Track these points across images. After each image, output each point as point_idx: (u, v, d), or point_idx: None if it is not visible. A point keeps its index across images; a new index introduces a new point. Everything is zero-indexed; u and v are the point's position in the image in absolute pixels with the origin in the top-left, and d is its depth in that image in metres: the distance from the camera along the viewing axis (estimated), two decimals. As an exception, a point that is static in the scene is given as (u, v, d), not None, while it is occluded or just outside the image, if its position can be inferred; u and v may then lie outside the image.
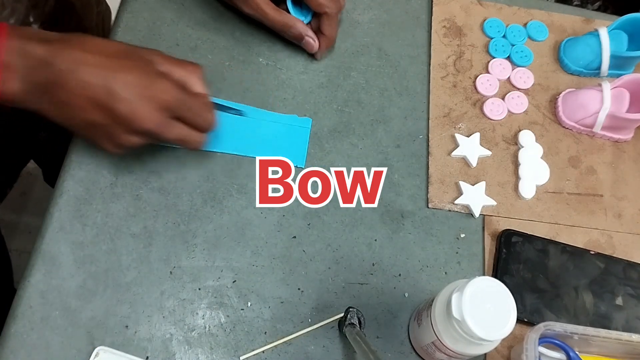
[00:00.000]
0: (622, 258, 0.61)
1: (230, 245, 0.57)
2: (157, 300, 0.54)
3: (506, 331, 0.43)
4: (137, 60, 0.50)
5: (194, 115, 0.51)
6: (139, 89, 0.48)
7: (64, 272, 0.54)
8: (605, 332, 0.52)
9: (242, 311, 0.54)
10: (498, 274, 0.58)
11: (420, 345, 0.53)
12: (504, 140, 0.66)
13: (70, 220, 0.56)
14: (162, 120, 0.49)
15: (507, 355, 0.56)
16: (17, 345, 0.51)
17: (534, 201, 0.63)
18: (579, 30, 0.72)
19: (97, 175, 0.58)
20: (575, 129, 0.67)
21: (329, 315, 0.55)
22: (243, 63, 0.65)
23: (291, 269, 0.57)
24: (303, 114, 0.64)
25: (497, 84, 0.68)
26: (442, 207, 0.61)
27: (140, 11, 0.66)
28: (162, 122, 0.49)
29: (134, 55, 0.50)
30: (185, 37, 0.66)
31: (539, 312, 0.57)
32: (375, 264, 0.58)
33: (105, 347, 0.51)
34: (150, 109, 0.48)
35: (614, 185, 0.65)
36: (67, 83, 0.47)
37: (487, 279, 0.45)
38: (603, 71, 0.69)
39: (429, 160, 0.63)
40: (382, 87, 0.67)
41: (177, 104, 0.50)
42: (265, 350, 0.53)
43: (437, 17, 0.71)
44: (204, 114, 0.52)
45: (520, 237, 0.60)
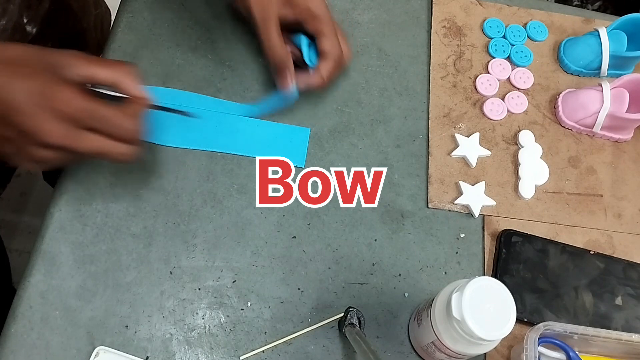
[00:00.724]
0: (622, 258, 0.61)
1: (230, 245, 0.57)
2: (157, 300, 0.54)
3: (506, 331, 0.43)
4: (41, 66, 0.45)
5: (107, 125, 0.46)
6: (39, 99, 0.43)
7: (64, 272, 0.54)
8: (605, 332, 0.52)
9: (242, 311, 0.54)
10: (498, 274, 0.58)
11: (420, 345, 0.53)
12: (504, 140, 0.66)
13: (70, 220, 0.56)
14: (68, 132, 0.44)
15: (507, 355, 0.56)
16: (17, 345, 0.51)
17: (534, 201, 0.63)
18: (579, 30, 0.72)
19: (97, 175, 0.58)
20: (575, 129, 0.67)
21: (329, 315, 0.55)
22: (243, 63, 0.65)
23: (291, 269, 0.57)
24: (303, 114, 0.64)
25: (497, 84, 0.68)
26: (442, 207, 0.61)
27: (140, 11, 0.66)
28: (67, 134, 0.44)
29: (39, 59, 0.45)
30: (185, 37, 0.66)
31: (538, 312, 0.57)
32: (375, 264, 0.58)
33: (105, 347, 0.51)
34: (51, 120, 0.44)
35: (614, 185, 0.65)
36: None
37: (487, 279, 0.45)
38: (603, 71, 0.69)
39: (429, 160, 0.63)
40: (382, 87, 0.67)
41: (80, 114, 0.45)
42: (265, 350, 0.53)
43: (437, 17, 0.71)
44: (121, 123, 0.46)
45: (520, 237, 0.60)
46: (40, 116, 0.44)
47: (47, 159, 0.46)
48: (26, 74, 0.44)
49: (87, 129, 0.46)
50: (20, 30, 0.59)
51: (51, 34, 0.65)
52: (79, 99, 0.45)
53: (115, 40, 0.64)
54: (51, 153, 0.46)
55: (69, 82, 0.45)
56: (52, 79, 0.45)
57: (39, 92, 0.44)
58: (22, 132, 0.44)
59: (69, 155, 0.47)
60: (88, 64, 0.47)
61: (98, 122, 0.46)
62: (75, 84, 0.46)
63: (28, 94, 0.43)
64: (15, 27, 0.58)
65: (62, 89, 0.44)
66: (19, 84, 0.43)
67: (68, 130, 0.45)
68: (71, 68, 0.46)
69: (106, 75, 0.47)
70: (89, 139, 0.46)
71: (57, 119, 0.44)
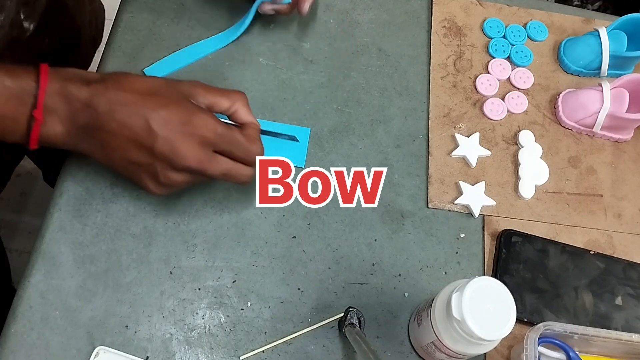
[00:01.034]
0: (622, 258, 0.61)
1: (230, 245, 0.57)
2: (157, 300, 0.54)
3: (506, 331, 0.43)
4: (175, 96, 0.48)
5: (237, 149, 0.49)
6: (177, 126, 0.47)
7: (64, 272, 0.54)
8: (605, 332, 0.52)
9: (242, 311, 0.54)
10: (498, 274, 0.58)
11: (420, 345, 0.53)
12: (504, 140, 0.66)
13: (70, 220, 0.56)
14: (204, 156, 0.48)
15: (507, 355, 0.56)
16: (17, 345, 0.51)
17: (534, 201, 0.63)
18: (579, 30, 0.72)
19: (97, 175, 0.58)
20: (575, 129, 0.67)
21: (329, 315, 0.55)
22: (243, 63, 0.65)
23: (291, 269, 0.57)
24: (303, 114, 0.64)
25: (497, 84, 0.68)
26: (442, 207, 0.61)
27: (140, 11, 0.66)
28: (204, 158, 0.48)
29: (171, 90, 0.49)
30: (185, 37, 0.66)
31: (538, 312, 0.57)
32: (375, 264, 0.58)
33: (105, 347, 0.51)
34: (190, 145, 0.47)
35: (614, 185, 0.65)
36: (107, 124, 0.46)
37: (487, 279, 0.45)
38: (603, 71, 0.69)
39: (429, 160, 0.63)
40: (382, 87, 0.67)
41: (218, 139, 0.48)
42: (265, 350, 0.53)
43: (437, 17, 0.71)
44: (248, 147, 0.50)
45: (520, 237, 0.60)
46: (179, 141, 0.47)
47: (177, 182, 0.49)
48: (163, 103, 0.47)
49: (219, 152, 0.49)
50: (18, 27, 0.59)
51: (48, 30, 0.65)
52: (217, 125, 0.48)
53: (115, 40, 0.64)
54: (182, 176, 0.49)
55: (201, 108, 0.49)
56: (188, 106, 0.48)
57: (178, 118, 0.47)
58: (159, 156, 0.47)
59: (198, 178, 0.50)
60: (209, 93, 0.51)
61: (231, 146, 0.49)
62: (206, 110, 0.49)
63: (168, 120, 0.47)
64: (13, 23, 0.58)
65: (201, 116, 0.48)
66: (160, 112, 0.47)
67: (204, 153, 0.48)
68: (198, 97, 0.50)
69: (226, 103, 0.51)
70: (220, 162, 0.49)
71: (195, 144, 0.47)
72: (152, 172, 0.48)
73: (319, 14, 0.69)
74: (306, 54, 0.67)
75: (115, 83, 0.47)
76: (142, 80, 0.49)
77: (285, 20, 0.68)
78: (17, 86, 0.45)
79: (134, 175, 0.50)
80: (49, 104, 0.46)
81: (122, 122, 0.46)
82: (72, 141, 0.48)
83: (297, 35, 0.68)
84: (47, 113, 0.46)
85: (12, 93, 0.45)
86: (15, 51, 0.61)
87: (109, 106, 0.46)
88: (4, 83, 0.45)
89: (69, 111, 0.46)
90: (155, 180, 0.49)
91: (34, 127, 0.46)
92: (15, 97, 0.45)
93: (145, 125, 0.46)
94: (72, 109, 0.46)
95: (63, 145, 0.48)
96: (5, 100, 0.45)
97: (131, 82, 0.48)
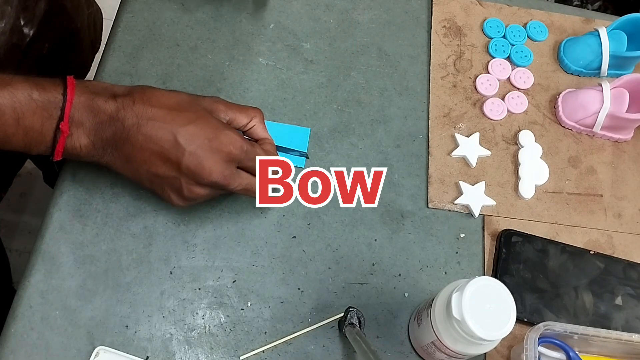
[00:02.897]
0: (622, 258, 0.61)
1: (230, 245, 0.57)
2: (157, 300, 0.54)
3: (506, 331, 0.43)
4: (201, 112, 0.49)
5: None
6: (204, 141, 0.48)
7: (64, 272, 0.54)
8: (605, 332, 0.52)
9: (242, 311, 0.54)
10: (498, 274, 0.58)
11: (420, 345, 0.53)
12: (504, 140, 0.66)
13: (70, 220, 0.56)
14: (228, 171, 0.49)
15: (507, 355, 0.56)
16: (17, 345, 0.51)
17: (534, 201, 0.63)
18: (579, 30, 0.72)
19: (97, 175, 0.58)
20: (575, 129, 0.67)
21: (329, 315, 0.55)
22: (243, 63, 0.65)
23: (291, 269, 0.57)
24: (303, 114, 0.64)
25: (497, 84, 0.68)
26: (442, 207, 0.61)
27: (140, 11, 0.66)
28: (228, 173, 0.49)
29: (196, 106, 0.50)
30: (185, 37, 0.66)
31: (538, 312, 0.57)
32: (375, 264, 0.58)
33: (105, 347, 0.51)
34: (216, 160, 0.48)
35: (614, 185, 0.65)
36: (133, 138, 0.47)
37: (487, 279, 0.45)
38: (603, 71, 0.69)
39: (429, 160, 0.63)
40: (382, 87, 0.67)
41: (243, 155, 0.49)
42: (265, 350, 0.53)
43: (437, 17, 0.71)
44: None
45: (520, 237, 0.60)
46: (204, 156, 0.48)
47: (200, 196, 0.50)
48: (190, 118, 0.48)
49: (241, 168, 0.51)
50: (18, 32, 0.59)
51: (47, 34, 0.65)
52: (242, 141, 0.49)
53: (115, 40, 0.64)
54: (206, 191, 0.50)
55: (226, 125, 0.50)
56: (214, 123, 0.49)
57: (205, 135, 0.48)
58: (184, 170, 0.48)
59: (218, 192, 0.51)
60: (230, 109, 0.52)
61: (253, 162, 0.51)
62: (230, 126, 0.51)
63: (195, 136, 0.47)
64: (13, 29, 0.58)
65: (227, 132, 0.49)
66: (187, 128, 0.47)
67: (228, 169, 0.49)
68: (219, 113, 0.51)
69: (244, 119, 0.53)
70: (242, 178, 0.51)
71: (220, 159, 0.48)
72: (176, 186, 0.49)
73: (319, 14, 0.69)
74: (306, 54, 0.67)
75: (142, 97, 0.48)
76: (169, 95, 0.50)
77: (286, 20, 0.68)
78: (45, 99, 0.46)
79: (158, 189, 0.51)
80: (75, 117, 0.46)
81: (149, 136, 0.47)
82: (97, 153, 0.48)
83: (297, 35, 0.68)
84: (73, 125, 0.46)
85: (39, 106, 0.45)
86: (15, 56, 0.61)
87: (136, 120, 0.47)
88: (32, 96, 0.45)
89: (95, 124, 0.47)
90: (179, 194, 0.50)
91: (60, 140, 0.46)
92: (42, 110, 0.46)
93: (173, 139, 0.47)
94: (98, 122, 0.47)
95: (87, 157, 0.49)
96: (33, 113, 0.45)
97: (158, 96, 0.49)
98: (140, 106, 0.47)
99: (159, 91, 0.50)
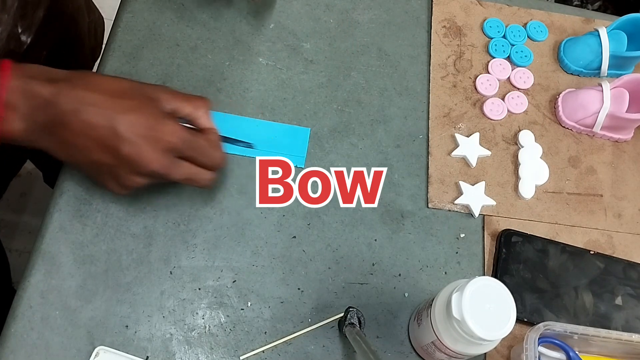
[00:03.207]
0: (622, 258, 0.61)
1: (230, 245, 0.57)
2: (157, 300, 0.54)
3: (506, 331, 0.43)
4: (142, 100, 0.49)
5: (200, 154, 0.50)
6: (144, 130, 0.47)
7: (64, 272, 0.54)
8: (605, 332, 0.52)
9: (242, 311, 0.54)
10: (498, 274, 0.58)
11: (420, 345, 0.53)
12: (504, 140, 0.66)
13: (70, 220, 0.56)
14: (168, 161, 0.48)
15: (507, 355, 0.56)
16: (17, 345, 0.51)
17: (534, 201, 0.63)
18: (579, 30, 0.72)
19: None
20: (575, 129, 0.67)
21: (329, 315, 0.55)
22: (243, 63, 0.65)
23: (291, 269, 0.57)
24: (303, 114, 0.64)
25: (497, 84, 0.68)
26: (442, 207, 0.61)
27: (140, 11, 0.66)
28: (167, 163, 0.48)
29: (139, 93, 0.49)
30: (185, 37, 0.66)
31: (538, 312, 0.57)
32: (375, 264, 0.58)
33: (105, 347, 0.51)
34: (155, 150, 0.47)
35: (614, 185, 0.65)
36: (72, 123, 0.46)
37: (487, 279, 0.45)
38: (603, 71, 0.69)
39: (429, 160, 0.63)
40: (382, 87, 0.67)
41: (183, 145, 0.49)
42: (265, 350, 0.53)
43: (437, 17, 0.71)
44: (211, 153, 0.51)
45: (520, 237, 0.60)
46: (143, 145, 0.47)
47: (137, 184, 0.50)
48: (131, 106, 0.47)
49: (181, 157, 0.50)
50: (15, 39, 0.59)
51: (45, 42, 0.65)
52: (182, 131, 0.49)
53: (115, 40, 0.64)
54: (145, 180, 0.49)
55: (168, 114, 0.49)
56: (155, 111, 0.48)
57: (145, 124, 0.47)
58: (123, 159, 0.47)
59: (159, 180, 0.50)
60: (174, 98, 0.51)
61: (194, 152, 0.50)
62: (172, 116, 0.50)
63: (135, 125, 0.47)
64: (10, 36, 0.58)
65: (167, 122, 0.48)
66: (127, 116, 0.47)
67: (168, 159, 0.48)
68: (163, 101, 0.50)
69: (188, 109, 0.51)
70: (182, 167, 0.50)
71: (160, 149, 0.48)
72: (114, 174, 0.49)
73: (319, 14, 0.69)
74: (306, 54, 0.67)
75: (82, 82, 0.47)
76: (110, 81, 0.49)
77: (286, 20, 0.68)
78: None
79: (96, 175, 0.50)
80: (10, 101, 0.45)
81: (87, 122, 0.46)
82: (34, 138, 0.47)
83: (297, 35, 0.68)
84: (8, 109, 0.45)
85: None
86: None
87: (74, 105, 0.46)
88: None
89: (30, 108, 0.46)
90: (117, 182, 0.50)
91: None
92: None
93: (112, 127, 0.46)
94: (34, 106, 0.46)
95: (23, 141, 0.48)
96: None
97: (98, 82, 0.48)
98: (79, 91, 0.46)
99: (100, 77, 0.49)
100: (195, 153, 0.50)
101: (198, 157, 0.50)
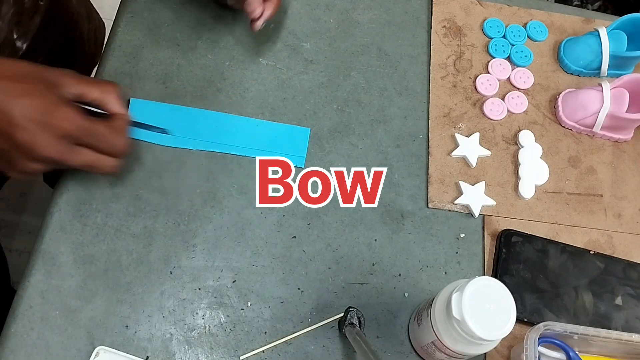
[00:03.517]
0: (622, 258, 0.61)
1: (230, 245, 0.57)
2: (157, 300, 0.54)
3: (506, 331, 0.43)
4: (41, 84, 0.47)
5: (99, 141, 0.49)
6: (38, 116, 0.45)
7: (64, 272, 0.54)
8: (605, 332, 0.52)
9: (242, 311, 0.54)
10: (498, 274, 0.58)
11: (420, 345, 0.53)
12: (504, 140, 0.66)
13: (70, 220, 0.56)
14: (64, 148, 0.47)
15: (507, 355, 0.56)
16: (17, 345, 0.51)
17: (534, 201, 0.63)
18: (579, 30, 0.72)
19: (97, 175, 0.58)
20: (575, 129, 0.67)
21: (329, 315, 0.55)
22: (243, 63, 0.65)
23: (291, 269, 0.57)
24: (303, 114, 0.64)
25: (497, 84, 0.68)
26: (442, 207, 0.61)
27: (140, 11, 0.66)
28: (63, 150, 0.47)
29: (39, 78, 0.47)
30: (185, 37, 0.66)
31: (538, 312, 0.57)
32: (375, 264, 0.58)
33: (105, 347, 0.51)
34: (50, 137, 0.46)
35: (614, 185, 0.65)
36: None
37: (487, 279, 0.45)
38: (603, 71, 0.69)
39: (429, 160, 0.63)
40: (382, 87, 0.67)
41: (79, 132, 0.47)
42: (265, 350, 0.53)
43: (437, 17, 0.71)
44: (111, 140, 0.50)
45: (520, 237, 0.60)
46: (38, 132, 0.46)
47: (35, 170, 0.48)
48: (26, 91, 0.46)
49: (80, 144, 0.48)
50: (10, 45, 0.59)
51: (42, 48, 0.65)
52: (78, 118, 0.47)
53: (115, 40, 0.64)
54: (42, 165, 0.48)
55: (66, 100, 0.48)
56: (51, 97, 0.47)
57: (39, 109, 0.46)
58: (19, 146, 0.46)
59: (58, 167, 0.49)
60: (79, 83, 0.49)
61: (92, 139, 0.49)
62: (70, 102, 0.48)
63: (29, 110, 0.45)
64: (5, 42, 0.58)
65: (62, 108, 0.47)
66: (20, 101, 0.45)
67: (63, 146, 0.47)
68: (65, 87, 0.48)
69: (95, 94, 0.50)
70: (81, 154, 0.49)
71: (54, 136, 0.46)
72: (9, 159, 0.47)
73: (319, 14, 0.69)
74: (306, 54, 0.67)
75: None
76: (7, 64, 0.47)
77: (286, 20, 0.68)
78: None
79: None
80: None
81: None
82: None
83: (297, 35, 0.68)
84: None
85: None
86: None
87: None
88: None
89: None
90: (12, 167, 0.48)
91: None
92: None
93: (6, 111, 0.45)
94: None
95: None
96: None
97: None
98: None
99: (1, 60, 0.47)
100: (93, 140, 0.49)
101: (97, 144, 0.49)
